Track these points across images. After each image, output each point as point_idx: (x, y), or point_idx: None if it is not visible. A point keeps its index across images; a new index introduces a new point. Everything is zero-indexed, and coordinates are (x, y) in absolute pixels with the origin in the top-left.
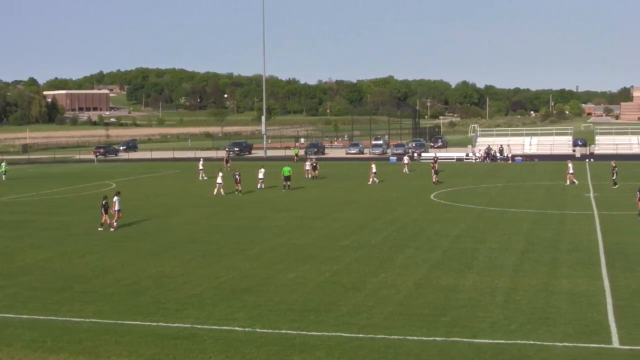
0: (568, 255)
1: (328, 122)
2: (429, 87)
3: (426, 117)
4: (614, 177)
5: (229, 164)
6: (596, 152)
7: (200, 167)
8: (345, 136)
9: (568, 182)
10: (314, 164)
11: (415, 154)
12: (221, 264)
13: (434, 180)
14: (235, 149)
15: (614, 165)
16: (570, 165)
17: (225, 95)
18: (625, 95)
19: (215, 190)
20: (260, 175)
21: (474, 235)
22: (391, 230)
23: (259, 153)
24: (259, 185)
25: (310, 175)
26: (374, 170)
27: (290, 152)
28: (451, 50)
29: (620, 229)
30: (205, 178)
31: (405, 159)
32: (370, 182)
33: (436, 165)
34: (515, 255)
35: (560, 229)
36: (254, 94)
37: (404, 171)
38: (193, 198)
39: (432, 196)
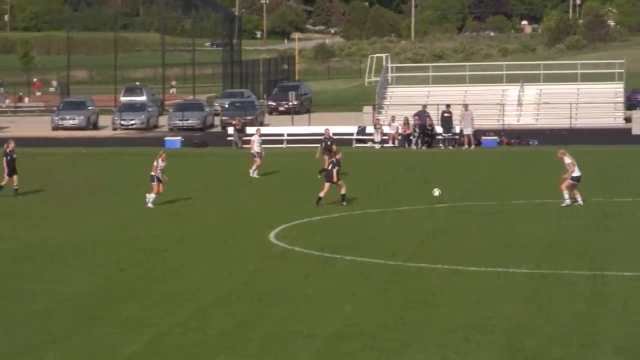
0: None
1: None
2: None
3: (259, 34)
4: None
5: None
6: None
7: None
8: None
9: None
10: None
11: (233, 128)
12: None
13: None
14: None
15: None
16: None
17: None
18: None
19: None
20: None
21: (380, 332)
22: (169, 326)
23: None
24: None
25: None
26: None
27: None
28: None
29: None
30: None
31: (256, 143)
32: None
33: (338, 156)
34: None
35: (594, 317)
36: None
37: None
38: None
39: (272, 235)
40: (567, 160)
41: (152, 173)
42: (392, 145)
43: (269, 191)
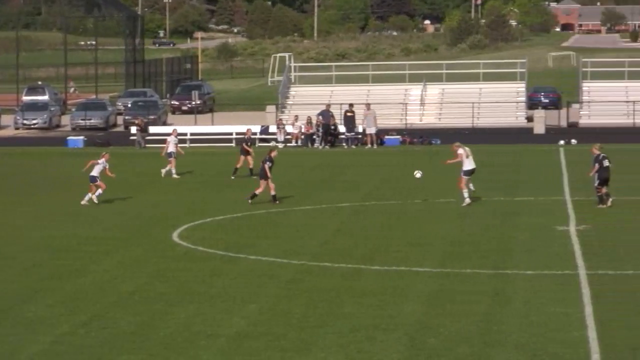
0: None
1: None
2: None
3: (162, 34)
4: None
5: None
6: (583, 120)
7: None
8: None
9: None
10: None
11: (135, 127)
12: None
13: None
14: None
15: None
16: None
17: None
18: None
19: None
20: None
21: (284, 332)
22: (72, 326)
23: None
24: None
25: None
26: None
27: None
28: None
29: None
30: None
31: (172, 144)
32: None
33: (273, 154)
34: None
35: (496, 315)
36: None
37: (166, 171)
38: None
39: (175, 234)
40: (460, 151)
41: (93, 174)
42: (295, 144)
43: (172, 191)
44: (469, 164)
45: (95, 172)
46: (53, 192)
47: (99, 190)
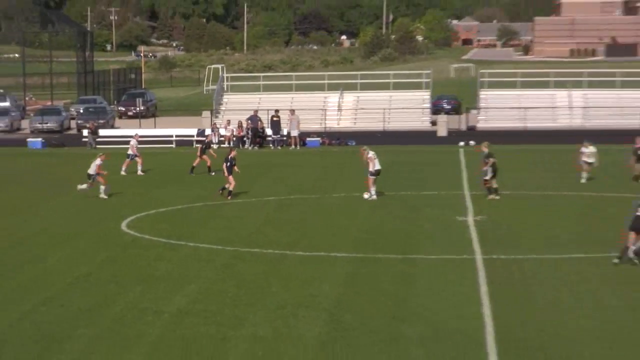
0: (421, 349)
1: None
2: None
3: (109, 47)
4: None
5: None
6: (481, 124)
7: None
8: None
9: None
10: None
11: (87, 130)
12: None
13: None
14: None
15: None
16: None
17: None
18: (542, 0)
19: None
20: None
21: (219, 309)
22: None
23: None
24: None
25: None
26: None
27: None
28: None
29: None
30: None
31: (134, 147)
32: None
33: (233, 154)
34: (309, 353)
35: (404, 294)
36: None
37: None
38: None
39: (124, 224)
40: (369, 154)
41: (94, 172)
42: (227, 145)
43: (120, 186)
44: (376, 165)
45: (91, 170)
46: (12, 188)
47: (102, 187)
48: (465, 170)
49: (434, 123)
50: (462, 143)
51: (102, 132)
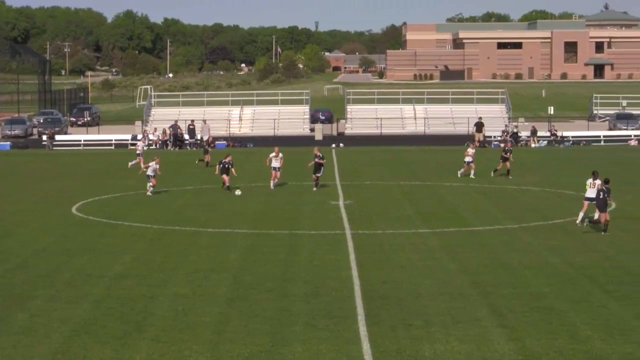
0: (305, 303)
1: None
2: (67, 21)
3: (63, 72)
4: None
5: None
6: (348, 131)
7: None
8: None
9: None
10: None
11: (46, 136)
12: None
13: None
14: None
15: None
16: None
17: None
18: (392, 37)
19: None
20: None
21: (148, 273)
22: (3, 271)
23: None
24: None
25: None
26: None
27: None
28: None
29: (387, 258)
30: None
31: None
32: None
33: (228, 159)
34: (219, 307)
35: (291, 261)
36: None
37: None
38: None
39: (74, 208)
40: (279, 154)
41: (152, 173)
42: (155, 147)
43: (70, 179)
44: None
45: (150, 172)
46: None
47: (150, 186)
48: (337, 165)
49: (312, 130)
50: (334, 145)
51: (58, 137)
